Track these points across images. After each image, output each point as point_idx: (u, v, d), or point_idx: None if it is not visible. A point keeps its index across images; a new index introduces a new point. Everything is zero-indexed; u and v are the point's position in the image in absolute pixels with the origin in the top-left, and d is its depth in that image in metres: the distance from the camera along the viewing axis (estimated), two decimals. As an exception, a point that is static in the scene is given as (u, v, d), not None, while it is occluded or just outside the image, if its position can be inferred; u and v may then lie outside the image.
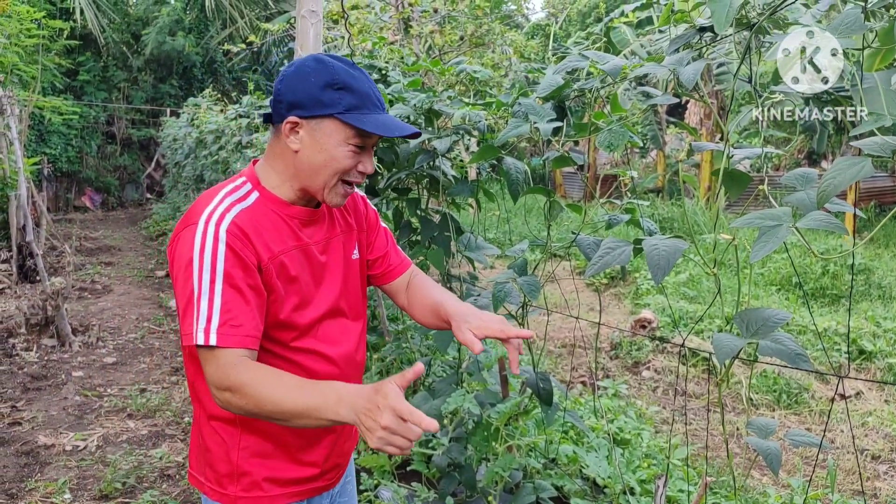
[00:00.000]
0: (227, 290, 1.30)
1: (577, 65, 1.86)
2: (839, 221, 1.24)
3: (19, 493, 3.48)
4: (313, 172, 1.40)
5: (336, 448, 1.59)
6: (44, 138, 15.33)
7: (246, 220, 1.37)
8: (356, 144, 1.38)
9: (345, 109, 1.36)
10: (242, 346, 1.30)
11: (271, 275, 1.38)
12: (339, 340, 1.53)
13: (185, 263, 1.31)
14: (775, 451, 1.49)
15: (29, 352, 5.63)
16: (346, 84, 1.37)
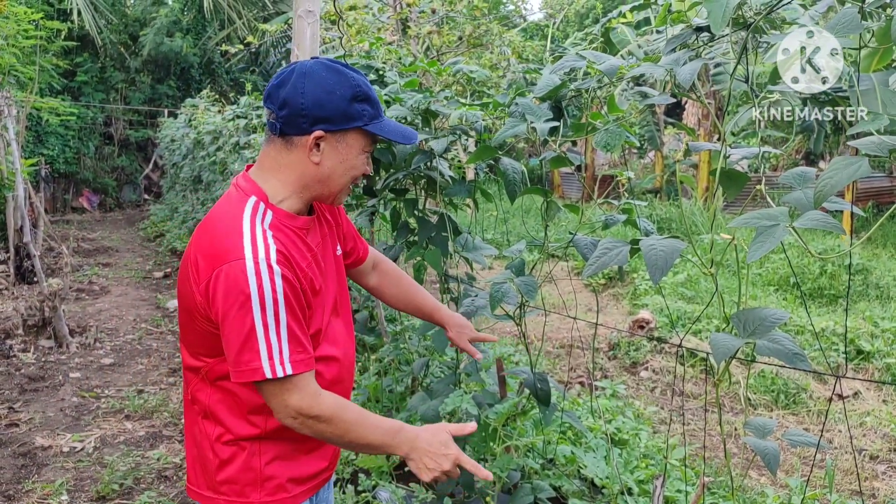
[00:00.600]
0: (290, 320, 1.34)
1: (574, 64, 1.86)
2: (836, 221, 1.24)
3: (16, 494, 3.47)
4: (331, 182, 1.44)
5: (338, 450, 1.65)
6: (41, 139, 15.31)
7: (279, 244, 1.38)
8: (370, 151, 1.46)
9: (369, 120, 1.41)
10: (311, 368, 1.38)
11: (306, 291, 1.42)
12: (341, 340, 1.57)
13: (242, 300, 1.30)
14: (773, 450, 1.49)
15: (26, 353, 5.61)
16: (367, 95, 1.41)
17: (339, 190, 1.46)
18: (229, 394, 1.46)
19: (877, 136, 1.23)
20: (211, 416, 1.48)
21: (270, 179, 1.44)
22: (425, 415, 2.63)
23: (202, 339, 1.44)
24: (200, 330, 1.43)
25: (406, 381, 3.80)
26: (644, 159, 16.62)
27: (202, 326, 1.41)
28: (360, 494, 3.09)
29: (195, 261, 1.38)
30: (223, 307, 1.32)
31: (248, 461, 1.47)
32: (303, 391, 1.35)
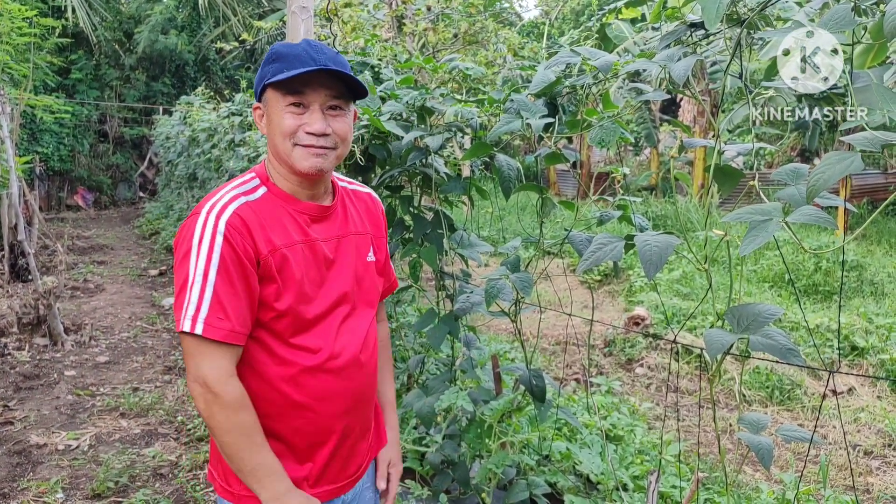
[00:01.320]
0: (219, 281, 1.32)
1: (568, 60, 1.86)
2: (828, 216, 1.24)
3: (11, 492, 3.46)
4: (275, 146, 1.43)
5: (342, 451, 1.55)
6: (36, 137, 15.26)
7: (249, 212, 1.39)
8: (292, 103, 1.40)
9: (273, 75, 1.40)
10: (227, 339, 1.34)
11: (270, 267, 1.39)
12: (343, 341, 1.51)
13: (184, 252, 1.35)
14: (767, 445, 1.50)
15: (21, 351, 5.60)
16: (279, 54, 1.41)
17: (285, 154, 1.43)
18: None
19: (869, 131, 1.23)
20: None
21: (267, 161, 1.52)
22: (421, 411, 2.64)
23: None
24: None
25: (402, 378, 3.79)
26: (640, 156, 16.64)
27: None
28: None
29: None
30: (175, 258, 1.38)
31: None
32: (216, 363, 1.34)
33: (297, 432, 1.47)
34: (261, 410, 1.42)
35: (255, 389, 1.43)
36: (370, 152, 2.89)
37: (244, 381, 1.41)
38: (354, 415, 1.55)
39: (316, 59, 1.39)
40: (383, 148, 2.92)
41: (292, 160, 1.43)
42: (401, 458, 1.79)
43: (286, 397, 1.44)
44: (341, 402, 1.51)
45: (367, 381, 1.59)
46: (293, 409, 1.46)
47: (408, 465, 3.18)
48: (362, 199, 1.69)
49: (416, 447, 3.12)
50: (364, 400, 1.58)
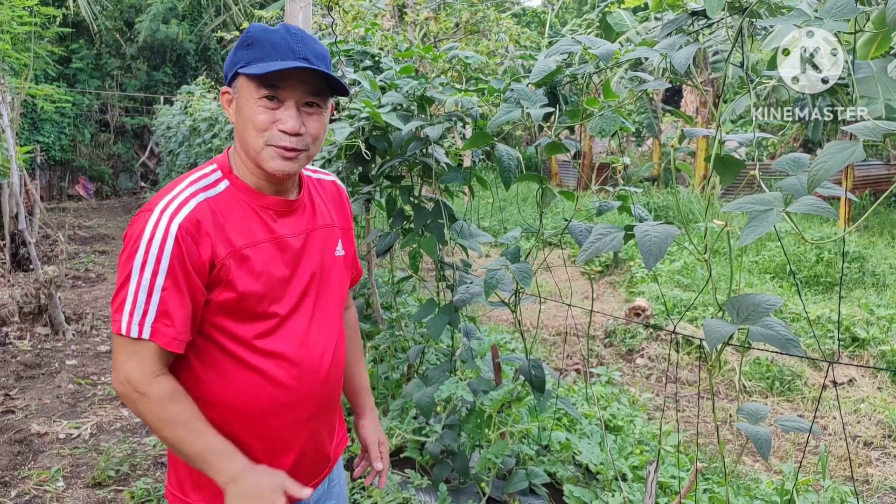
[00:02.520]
0: (167, 287, 1.26)
1: (569, 49, 1.85)
2: (830, 206, 1.23)
3: (12, 481, 3.48)
4: (244, 139, 1.34)
5: (308, 455, 1.49)
6: (36, 126, 15.24)
7: (207, 211, 1.31)
8: (266, 97, 1.30)
9: (246, 63, 1.30)
10: (169, 347, 1.28)
11: (229, 270, 1.31)
12: (311, 344, 1.43)
13: (132, 250, 1.27)
14: (765, 436, 1.49)
15: (22, 340, 5.61)
16: (254, 39, 1.31)
17: (254, 150, 1.33)
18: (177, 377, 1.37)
19: (871, 120, 1.22)
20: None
21: (233, 152, 1.43)
22: (421, 401, 2.64)
23: None
24: None
25: (402, 368, 3.80)
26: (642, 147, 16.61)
27: None
28: (355, 480, 3.10)
29: None
30: (122, 251, 1.30)
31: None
32: (144, 362, 1.27)
33: (262, 439, 1.40)
34: (225, 416, 1.36)
35: (220, 394, 1.36)
36: (370, 143, 2.88)
37: (208, 385, 1.36)
38: (321, 418, 1.49)
39: (295, 51, 1.30)
40: (384, 138, 2.91)
41: (261, 158, 1.33)
42: (384, 434, 1.77)
43: (252, 403, 1.37)
44: (309, 406, 1.44)
45: (335, 385, 1.52)
46: (258, 417, 1.38)
47: (407, 455, 3.18)
48: (328, 188, 1.60)
49: (416, 437, 3.12)
50: (331, 403, 1.52)
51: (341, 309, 1.55)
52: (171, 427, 1.28)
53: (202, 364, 1.36)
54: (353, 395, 1.76)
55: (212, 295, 1.32)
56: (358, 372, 1.76)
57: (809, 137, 13.21)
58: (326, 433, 1.53)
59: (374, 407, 1.77)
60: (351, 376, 1.74)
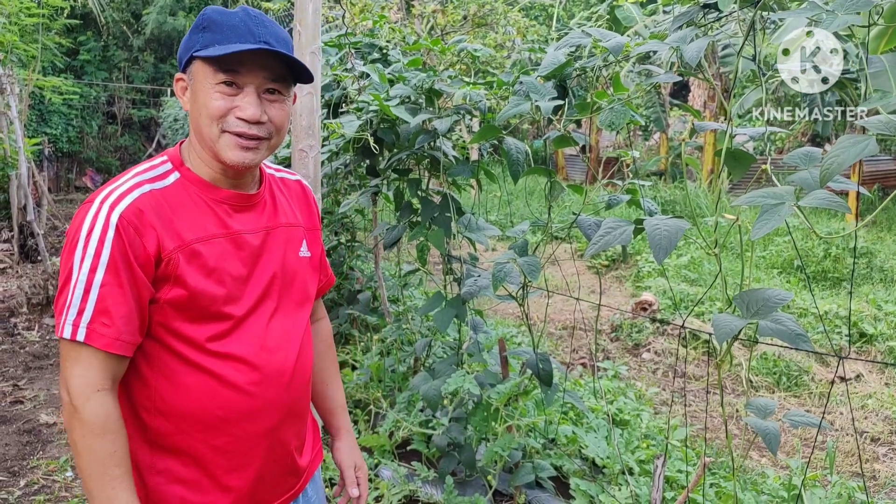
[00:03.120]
0: (107, 283, 1.16)
1: (579, 42, 1.84)
2: (842, 200, 1.23)
3: (21, 470, 3.50)
4: (198, 127, 1.25)
5: (273, 469, 1.38)
6: (44, 118, 15.29)
7: (152, 203, 1.22)
8: (223, 82, 1.21)
9: (202, 46, 1.21)
10: (109, 348, 1.17)
11: (177, 266, 1.22)
12: (271, 347, 1.33)
13: (71, 246, 1.18)
14: (774, 431, 1.49)
15: (30, 331, 5.64)
16: (211, 21, 1.23)
17: (210, 139, 1.24)
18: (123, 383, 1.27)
19: (884, 114, 1.22)
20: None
21: (187, 143, 1.34)
22: (427, 394, 2.64)
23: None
24: None
25: (408, 361, 3.81)
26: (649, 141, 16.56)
27: None
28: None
29: None
30: (63, 249, 1.20)
31: (143, 478, 1.28)
32: (85, 372, 1.16)
33: (218, 452, 1.29)
34: (178, 426, 1.27)
35: (172, 402, 1.26)
36: (378, 136, 2.88)
37: (158, 393, 1.25)
38: (287, 429, 1.38)
39: (255, 34, 1.21)
40: (392, 131, 2.91)
41: (217, 148, 1.24)
42: (363, 458, 1.66)
43: (206, 411, 1.26)
44: (272, 415, 1.33)
45: (301, 392, 1.40)
46: (214, 425, 1.28)
47: (414, 448, 3.19)
48: (292, 188, 1.50)
49: (423, 429, 3.13)
50: (298, 411, 1.41)
51: (307, 313, 1.45)
52: (87, 459, 1.17)
53: (151, 370, 1.25)
54: (328, 414, 1.65)
55: (160, 293, 1.22)
56: (332, 390, 1.65)
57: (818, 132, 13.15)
58: (295, 446, 1.43)
59: (350, 428, 1.66)
60: (324, 395, 1.64)
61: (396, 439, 3.30)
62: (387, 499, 2.85)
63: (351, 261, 4.28)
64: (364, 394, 3.56)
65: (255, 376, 1.30)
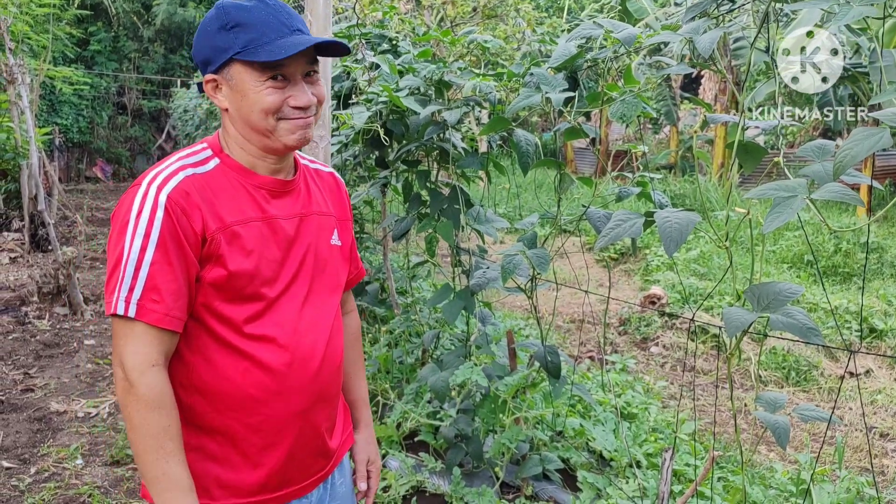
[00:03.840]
0: (157, 261, 1.21)
1: (590, 33, 1.83)
2: (855, 193, 1.22)
3: (32, 458, 3.53)
4: (250, 123, 1.30)
5: (303, 451, 1.42)
6: (55, 108, 15.36)
7: (196, 185, 1.27)
8: (271, 78, 1.27)
9: (242, 48, 1.25)
10: (160, 323, 1.21)
11: (219, 245, 1.27)
12: (304, 330, 1.38)
13: (120, 227, 1.23)
14: (783, 425, 1.49)
15: (41, 320, 5.68)
16: (238, 21, 1.26)
17: (265, 130, 1.30)
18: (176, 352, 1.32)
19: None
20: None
21: (223, 134, 1.38)
22: (435, 385, 2.65)
23: None
24: None
25: (416, 352, 3.81)
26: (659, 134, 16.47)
27: None
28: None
29: None
30: (110, 232, 1.25)
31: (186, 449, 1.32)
32: (139, 348, 1.21)
33: (252, 430, 1.34)
34: (214, 405, 1.32)
35: (208, 382, 1.31)
36: (388, 127, 2.88)
37: (196, 372, 1.30)
38: (318, 412, 1.42)
39: (285, 24, 1.27)
40: (401, 123, 2.90)
41: (276, 136, 1.30)
42: (378, 454, 1.70)
43: (241, 391, 1.31)
44: (302, 397, 1.38)
45: (331, 377, 1.45)
46: (248, 405, 1.32)
47: (421, 439, 3.20)
48: (325, 178, 1.55)
49: (430, 421, 3.14)
50: (328, 395, 1.45)
51: (337, 301, 1.49)
52: (142, 433, 1.21)
53: (190, 349, 1.30)
54: (350, 407, 1.69)
55: (203, 272, 1.27)
56: (356, 383, 1.70)
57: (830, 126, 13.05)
58: (326, 427, 1.47)
59: (370, 422, 1.71)
60: (347, 388, 1.68)
61: (404, 430, 3.31)
62: (394, 489, 2.86)
63: (359, 252, 4.28)
64: (372, 385, 3.57)
65: (287, 358, 1.34)
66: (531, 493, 2.88)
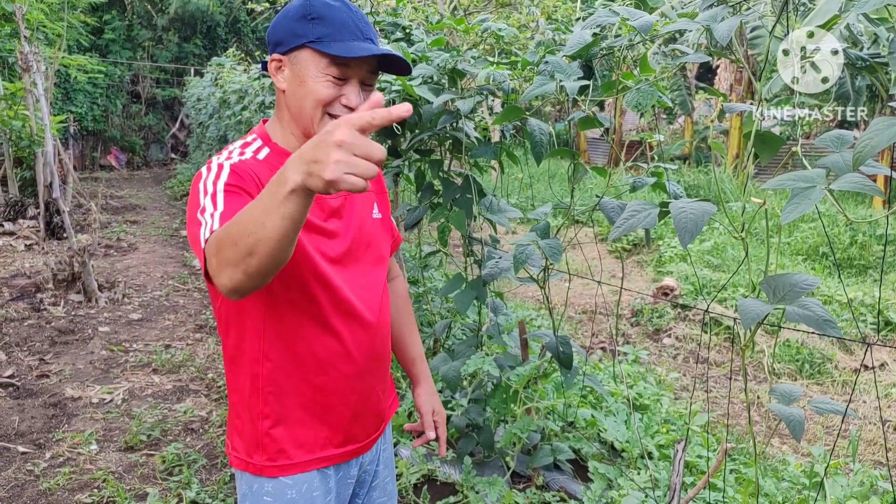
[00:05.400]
0: (227, 197, 1.26)
1: (606, 21, 1.81)
2: (875, 184, 1.20)
3: (47, 443, 3.57)
4: (300, 109, 1.37)
5: (364, 410, 1.52)
6: (69, 96, 15.43)
7: (255, 167, 1.35)
8: (334, 75, 1.33)
9: (316, 38, 1.32)
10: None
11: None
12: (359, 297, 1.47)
13: (194, 191, 1.30)
14: (798, 417, 1.47)
15: (56, 307, 5.73)
16: (321, 14, 1.33)
17: (310, 119, 1.36)
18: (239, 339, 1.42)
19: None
20: (232, 356, 1.45)
21: (273, 118, 1.46)
22: (447, 375, 2.65)
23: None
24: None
25: (428, 342, 3.82)
26: (673, 125, 16.35)
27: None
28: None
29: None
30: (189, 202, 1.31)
31: (254, 422, 1.43)
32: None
33: (319, 391, 1.44)
34: (284, 370, 1.41)
35: (280, 348, 1.40)
36: (400, 115, 2.87)
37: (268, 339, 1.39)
38: (374, 373, 1.53)
39: (361, 30, 1.35)
40: (414, 111, 2.89)
41: (317, 127, 1.36)
42: (441, 405, 1.79)
43: (310, 353, 1.41)
44: (361, 359, 1.48)
45: (384, 339, 1.56)
46: (316, 366, 1.42)
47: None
48: None
49: (442, 410, 3.14)
50: (382, 358, 1.56)
51: (384, 272, 1.58)
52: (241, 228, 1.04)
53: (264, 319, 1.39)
54: (409, 364, 1.80)
55: None
56: (412, 341, 1.80)
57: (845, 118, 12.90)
58: (380, 391, 1.57)
59: (429, 376, 1.80)
60: (405, 345, 1.79)
61: (415, 419, 3.31)
62: (405, 477, 2.87)
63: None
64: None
65: (349, 322, 1.44)
66: (542, 483, 2.88)
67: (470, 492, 2.76)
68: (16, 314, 5.52)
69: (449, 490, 2.90)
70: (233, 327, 1.43)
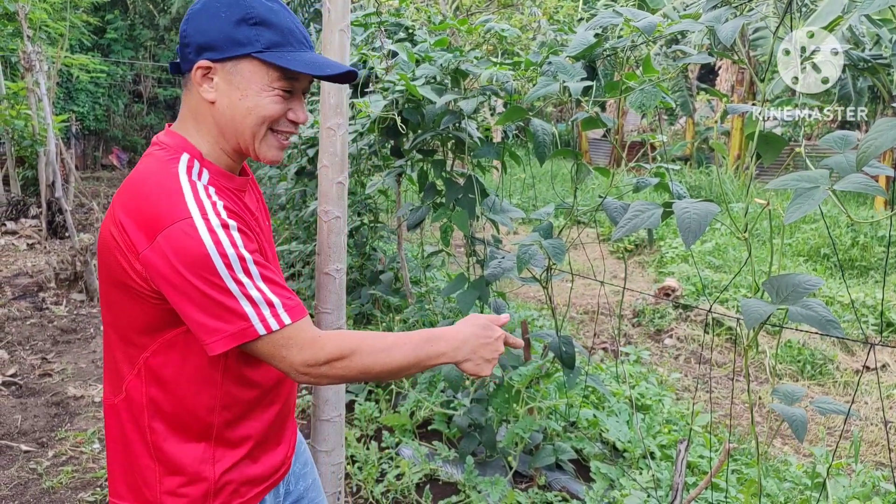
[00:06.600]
0: (262, 272, 1.16)
1: (609, 21, 1.82)
2: (878, 185, 1.20)
3: (49, 441, 3.57)
4: (237, 125, 1.22)
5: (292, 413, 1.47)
6: (72, 96, 15.45)
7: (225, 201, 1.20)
8: (283, 88, 1.21)
9: (264, 48, 1.18)
10: (305, 313, 1.19)
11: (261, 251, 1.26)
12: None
13: (201, 262, 1.10)
14: (801, 417, 1.48)
15: (58, 306, 5.74)
16: (264, 18, 1.19)
17: (251, 136, 1.22)
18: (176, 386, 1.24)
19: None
20: (151, 415, 1.25)
21: (190, 130, 1.26)
22: (449, 374, 2.65)
23: (141, 316, 1.20)
24: (138, 306, 1.19)
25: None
26: (675, 126, 16.35)
27: (141, 300, 1.18)
28: (383, 451, 3.13)
29: (123, 227, 1.15)
30: (177, 275, 1.11)
31: (200, 472, 1.26)
32: (301, 341, 1.17)
33: (273, 419, 1.37)
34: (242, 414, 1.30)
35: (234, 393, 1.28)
36: (403, 116, 2.87)
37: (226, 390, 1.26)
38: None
39: (306, 38, 1.24)
40: (417, 112, 2.90)
41: (258, 145, 1.24)
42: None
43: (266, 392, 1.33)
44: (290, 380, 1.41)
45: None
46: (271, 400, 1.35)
47: (434, 428, 3.21)
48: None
49: (444, 410, 3.14)
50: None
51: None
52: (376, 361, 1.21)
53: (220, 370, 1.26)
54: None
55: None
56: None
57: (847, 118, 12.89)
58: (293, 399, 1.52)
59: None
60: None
61: (417, 419, 3.32)
62: (407, 477, 2.87)
63: (374, 241, 4.29)
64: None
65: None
66: (544, 483, 2.88)
67: (472, 491, 2.76)
68: (18, 313, 5.53)
69: (451, 489, 2.90)
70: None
